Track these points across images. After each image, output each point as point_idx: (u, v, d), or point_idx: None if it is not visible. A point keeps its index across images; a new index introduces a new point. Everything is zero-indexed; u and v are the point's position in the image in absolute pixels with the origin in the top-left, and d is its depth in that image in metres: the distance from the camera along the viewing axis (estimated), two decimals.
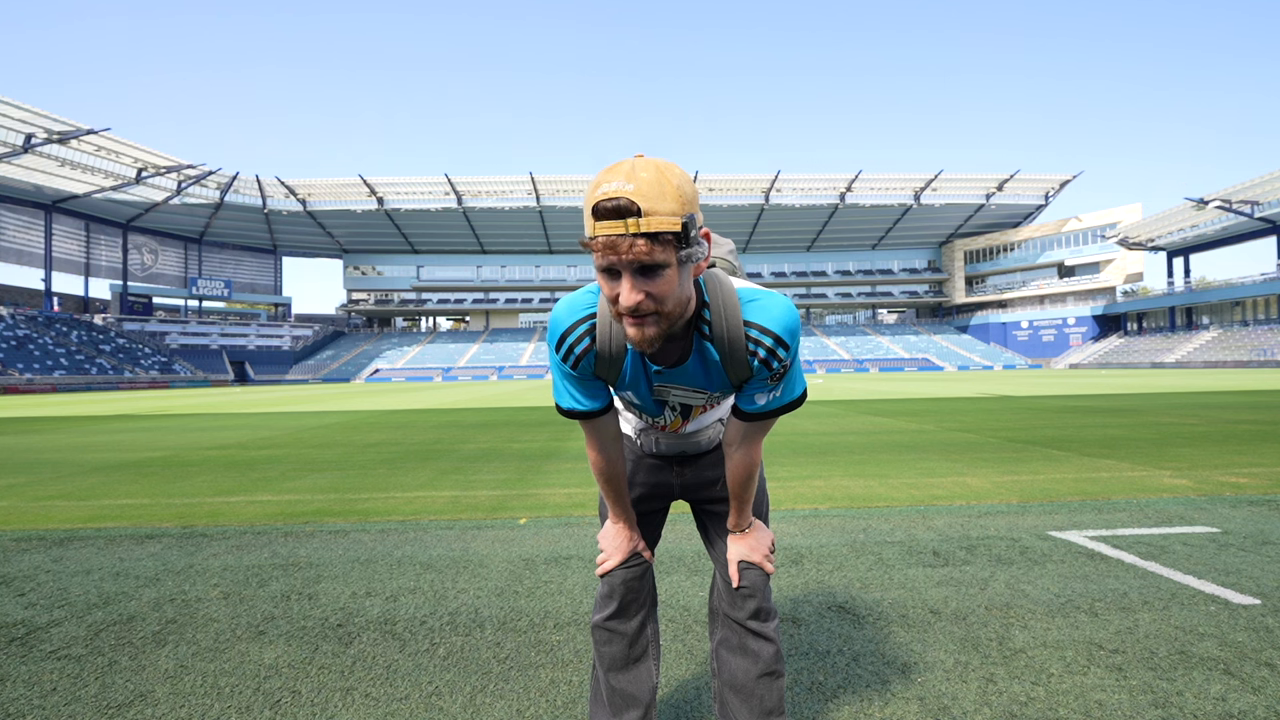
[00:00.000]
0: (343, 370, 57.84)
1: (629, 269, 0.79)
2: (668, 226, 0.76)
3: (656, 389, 1.02)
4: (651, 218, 0.75)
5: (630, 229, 0.75)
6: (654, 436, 1.19)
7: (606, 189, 0.76)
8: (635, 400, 1.06)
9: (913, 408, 10.75)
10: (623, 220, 0.75)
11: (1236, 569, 2.34)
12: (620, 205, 0.75)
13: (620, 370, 0.98)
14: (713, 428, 1.18)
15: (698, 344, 0.95)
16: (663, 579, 2.34)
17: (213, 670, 1.68)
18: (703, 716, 1.43)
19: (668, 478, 1.23)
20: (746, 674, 1.10)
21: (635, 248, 0.76)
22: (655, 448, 1.21)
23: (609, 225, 0.76)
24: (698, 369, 0.97)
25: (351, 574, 2.47)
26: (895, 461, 5.01)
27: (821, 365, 58.03)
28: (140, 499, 4.05)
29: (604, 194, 0.75)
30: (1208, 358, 42.39)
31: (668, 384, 1.00)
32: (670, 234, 0.76)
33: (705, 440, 1.19)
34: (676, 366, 0.96)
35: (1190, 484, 3.92)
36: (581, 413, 1.04)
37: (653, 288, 0.80)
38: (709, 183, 60.30)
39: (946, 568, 2.42)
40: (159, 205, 54.35)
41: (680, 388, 1.01)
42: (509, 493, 4.04)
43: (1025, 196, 62.43)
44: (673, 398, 1.04)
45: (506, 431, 7.93)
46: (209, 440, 7.56)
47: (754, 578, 1.11)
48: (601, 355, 0.96)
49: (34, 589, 2.36)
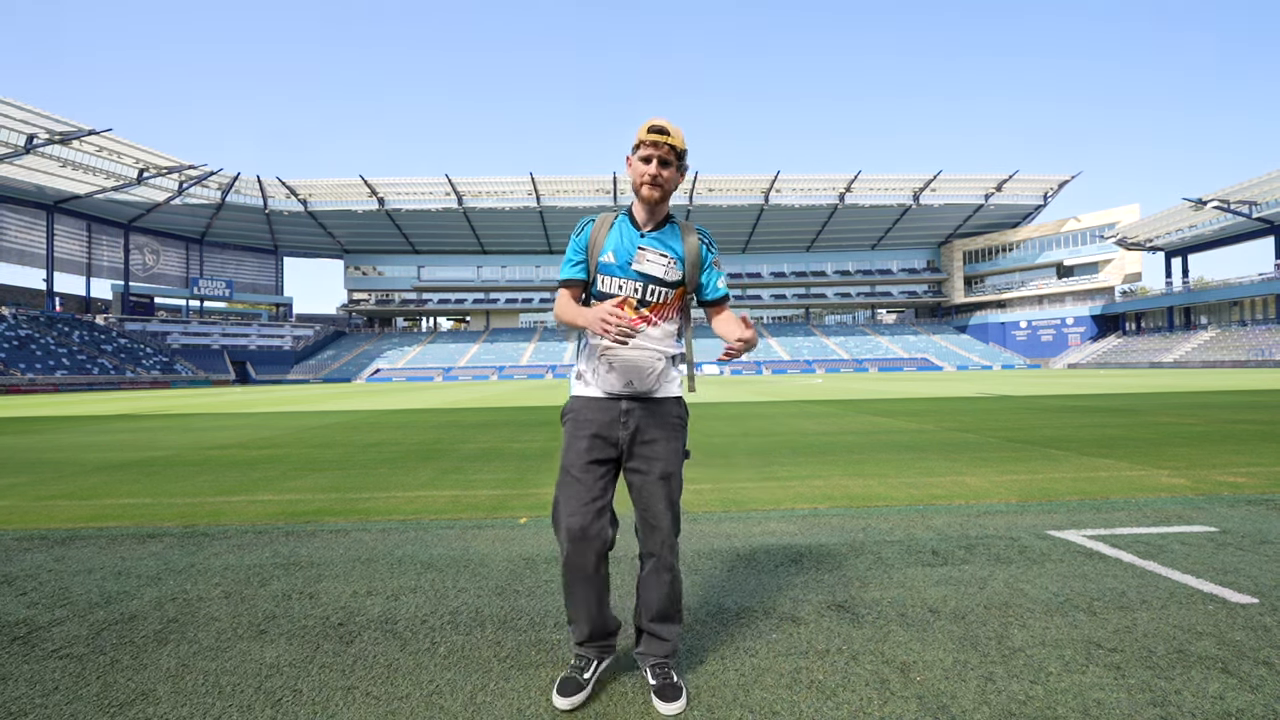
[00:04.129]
0: (344, 370, 57.83)
1: (657, 159, 1.54)
2: (679, 145, 1.55)
3: (638, 251, 1.59)
4: (674, 138, 1.54)
5: (664, 140, 1.53)
6: (608, 359, 1.57)
7: (656, 121, 1.54)
8: (615, 260, 1.59)
9: (912, 407, 10.76)
10: (663, 134, 1.52)
11: (1234, 568, 2.35)
12: (663, 127, 1.53)
13: (607, 237, 1.61)
14: (652, 353, 1.58)
15: (670, 226, 1.65)
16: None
17: (214, 669, 1.69)
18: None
19: (615, 431, 1.58)
20: (658, 592, 1.60)
21: (663, 148, 1.53)
22: (607, 373, 1.58)
23: (655, 135, 1.52)
24: (670, 236, 1.63)
25: (352, 573, 2.48)
26: (894, 461, 5.01)
27: (821, 365, 58.01)
28: (142, 498, 4.06)
29: (656, 122, 1.53)
30: (1206, 358, 42.38)
31: (649, 245, 1.60)
32: (675, 151, 1.55)
33: (647, 365, 1.57)
34: (657, 231, 1.63)
35: (1188, 483, 3.92)
36: (570, 280, 1.66)
37: (663, 172, 1.55)
38: (709, 183, 60.31)
39: (945, 567, 2.43)
40: (160, 205, 54.37)
41: (654, 250, 1.59)
42: (509, 492, 4.05)
43: (1024, 197, 62.43)
44: (645, 263, 1.58)
45: (507, 431, 7.93)
46: (210, 440, 7.56)
47: (669, 523, 1.59)
48: (596, 226, 1.64)
49: (36, 588, 2.37)
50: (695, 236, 1.64)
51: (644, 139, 1.52)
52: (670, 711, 1.45)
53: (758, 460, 5.20)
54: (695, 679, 1.61)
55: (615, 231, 1.61)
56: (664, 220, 1.63)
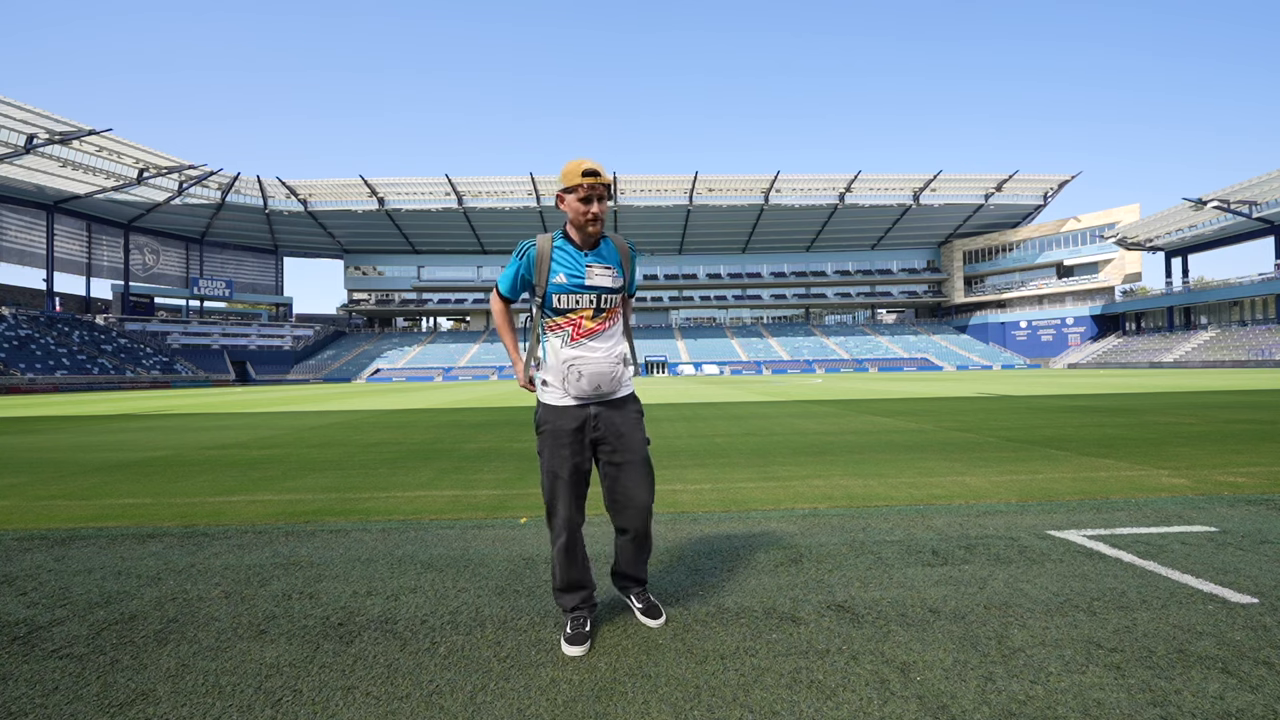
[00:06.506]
0: (344, 370, 57.83)
1: (597, 198, 1.79)
2: (608, 181, 1.80)
3: (587, 267, 1.83)
4: (604, 177, 1.79)
5: (599, 181, 1.78)
6: (577, 369, 1.81)
7: (588, 163, 1.77)
8: (568, 281, 1.81)
9: (912, 407, 10.75)
10: (596, 176, 1.77)
11: (1234, 568, 2.34)
12: (595, 169, 1.77)
13: (553, 261, 1.83)
14: (613, 359, 1.85)
15: (604, 241, 1.90)
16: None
17: (214, 669, 1.69)
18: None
19: (587, 435, 1.87)
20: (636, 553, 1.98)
21: (598, 188, 1.79)
22: (578, 381, 1.82)
23: (590, 179, 1.76)
24: (606, 250, 1.89)
25: (352, 573, 2.48)
26: (894, 461, 5.01)
27: (821, 365, 58.02)
28: (142, 498, 4.06)
29: (588, 165, 1.77)
30: (1206, 358, 42.37)
31: (595, 262, 1.85)
32: (605, 187, 1.80)
33: (609, 371, 1.84)
34: (595, 250, 1.87)
35: (1188, 483, 3.92)
36: (505, 297, 1.97)
37: (601, 209, 1.81)
38: (709, 183, 60.30)
39: (945, 567, 2.43)
40: (160, 205, 54.38)
41: (599, 266, 1.85)
42: (510, 492, 4.05)
43: (1024, 197, 62.44)
44: (595, 277, 1.83)
45: (507, 431, 7.93)
46: (210, 440, 7.56)
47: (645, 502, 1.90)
48: (539, 252, 1.84)
49: (36, 588, 2.37)
50: (624, 243, 1.95)
51: (581, 182, 1.76)
52: (656, 624, 1.92)
53: (757, 460, 5.20)
54: (695, 679, 1.61)
55: (560, 254, 1.84)
56: (598, 240, 1.89)
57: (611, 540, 2.42)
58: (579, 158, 1.82)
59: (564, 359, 1.82)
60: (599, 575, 2.26)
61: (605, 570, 2.39)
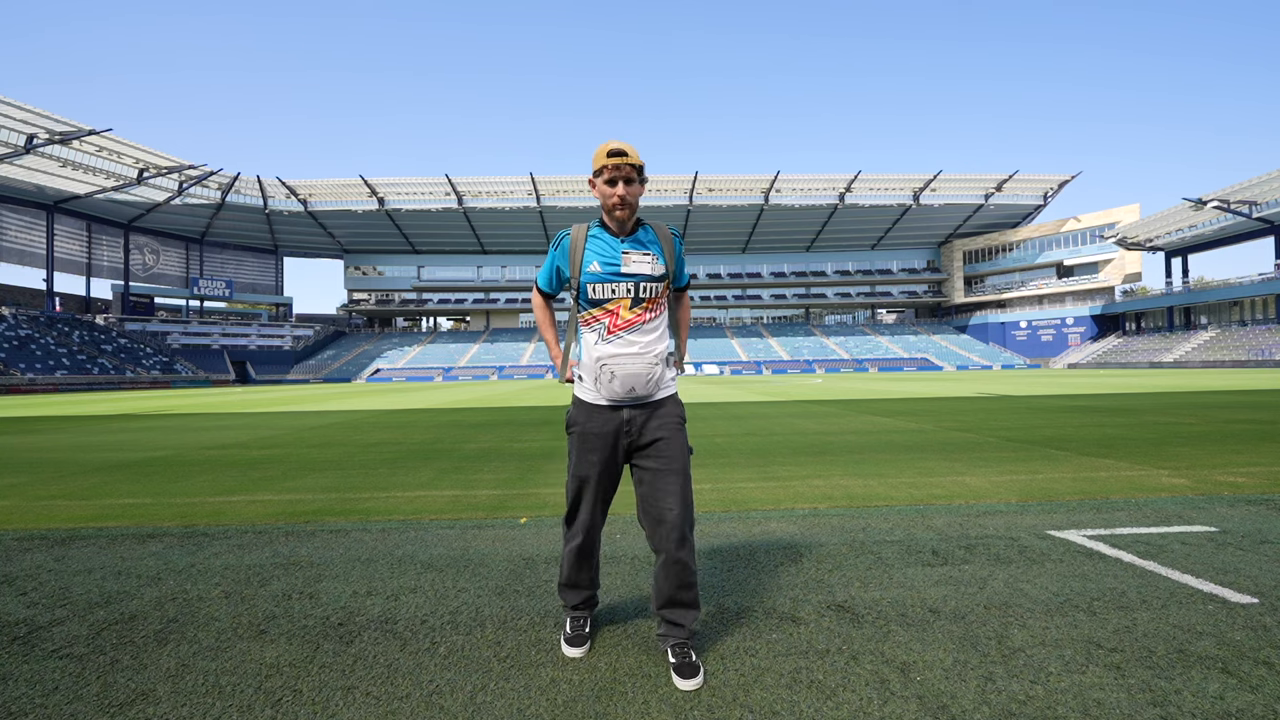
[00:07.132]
0: (344, 370, 57.82)
1: (622, 180, 1.66)
2: (637, 162, 1.67)
3: (623, 255, 1.71)
4: (632, 157, 1.65)
5: (625, 161, 1.64)
6: (610, 369, 1.68)
7: (614, 144, 1.65)
8: (602, 269, 1.70)
9: (912, 407, 10.75)
10: (622, 156, 1.64)
11: (1234, 568, 2.35)
12: (622, 149, 1.65)
13: (587, 249, 1.72)
14: (649, 360, 1.70)
15: (643, 228, 1.78)
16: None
17: (214, 669, 1.69)
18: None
19: (620, 440, 1.74)
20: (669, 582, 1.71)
21: (625, 169, 1.65)
22: (610, 382, 1.69)
23: (616, 159, 1.64)
24: (645, 236, 1.77)
25: (352, 573, 2.48)
26: (894, 461, 5.01)
27: (821, 365, 58.00)
28: (142, 498, 4.06)
29: (613, 146, 1.65)
30: (1206, 357, 42.37)
31: (632, 248, 1.72)
32: (635, 169, 1.67)
33: (645, 373, 1.69)
34: (631, 236, 1.75)
35: (1188, 483, 3.92)
36: (545, 293, 1.89)
37: (627, 192, 1.67)
38: (709, 183, 60.27)
39: (945, 567, 2.43)
40: (160, 205, 54.34)
41: (637, 252, 1.72)
42: (509, 492, 4.05)
43: (1024, 197, 62.41)
44: (632, 264, 1.70)
45: (507, 431, 7.93)
46: (210, 440, 7.56)
47: (676, 518, 1.68)
48: (574, 240, 1.75)
49: (36, 588, 2.37)
50: (666, 229, 1.81)
51: (606, 163, 1.64)
52: (688, 687, 1.58)
53: (757, 460, 5.20)
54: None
55: (594, 243, 1.73)
56: (635, 226, 1.76)
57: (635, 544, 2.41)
58: (609, 140, 1.69)
59: (596, 357, 1.70)
60: (604, 575, 2.25)
61: (608, 571, 2.40)
